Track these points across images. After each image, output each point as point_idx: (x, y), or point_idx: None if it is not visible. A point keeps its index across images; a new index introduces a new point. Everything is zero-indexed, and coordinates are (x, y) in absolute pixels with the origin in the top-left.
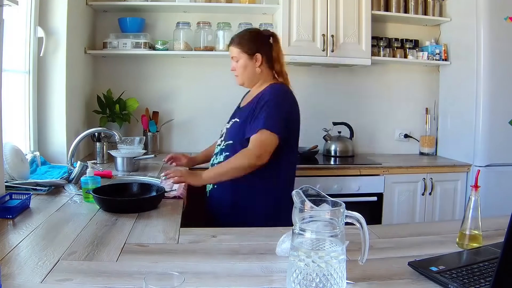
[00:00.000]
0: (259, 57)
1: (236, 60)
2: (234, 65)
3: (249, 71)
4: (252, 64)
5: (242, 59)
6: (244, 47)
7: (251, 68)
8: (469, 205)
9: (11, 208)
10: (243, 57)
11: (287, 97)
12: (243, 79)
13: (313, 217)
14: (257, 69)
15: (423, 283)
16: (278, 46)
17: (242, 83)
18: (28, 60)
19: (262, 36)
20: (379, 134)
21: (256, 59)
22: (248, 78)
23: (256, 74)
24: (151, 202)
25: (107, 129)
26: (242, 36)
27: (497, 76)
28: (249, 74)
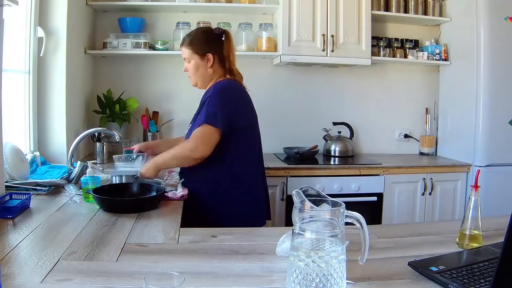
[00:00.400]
0: (211, 57)
1: (188, 61)
2: (186, 66)
3: (201, 72)
4: (204, 64)
5: (193, 59)
6: (195, 48)
7: (203, 68)
8: (469, 205)
9: (11, 208)
10: (195, 57)
11: (231, 91)
12: (196, 79)
13: (313, 217)
14: (208, 69)
15: (423, 283)
16: (229, 44)
17: (195, 84)
18: (28, 60)
19: (213, 35)
20: (379, 134)
21: (207, 59)
22: (201, 78)
23: (208, 74)
24: (151, 202)
25: (107, 129)
26: (193, 36)
27: (497, 76)
28: (201, 74)
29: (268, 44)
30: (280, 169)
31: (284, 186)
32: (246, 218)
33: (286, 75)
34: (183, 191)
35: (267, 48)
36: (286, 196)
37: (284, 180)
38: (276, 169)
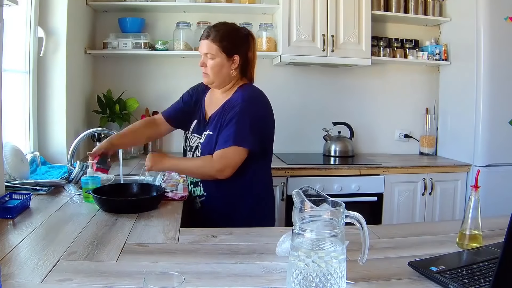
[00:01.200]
0: (237, 59)
1: (211, 57)
2: (205, 61)
3: (224, 73)
4: (229, 65)
5: (219, 58)
6: (224, 46)
7: (227, 69)
8: (469, 205)
9: (11, 208)
10: (221, 56)
11: (260, 103)
12: (214, 79)
13: (313, 217)
14: (232, 71)
15: (423, 283)
16: (255, 47)
17: (211, 82)
18: (28, 60)
19: (241, 35)
20: (379, 134)
21: (233, 61)
22: (221, 79)
23: (230, 76)
24: (151, 202)
25: (107, 129)
26: (222, 32)
27: (497, 76)
28: (223, 75)
29: (268, 44)
30: (280, 169)
31: (284, 186)
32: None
33: (286, 75)
34: (183, 192)
35: (267, 48)
36: (286, 196)
37: (284, 180)
38: (276, 169)
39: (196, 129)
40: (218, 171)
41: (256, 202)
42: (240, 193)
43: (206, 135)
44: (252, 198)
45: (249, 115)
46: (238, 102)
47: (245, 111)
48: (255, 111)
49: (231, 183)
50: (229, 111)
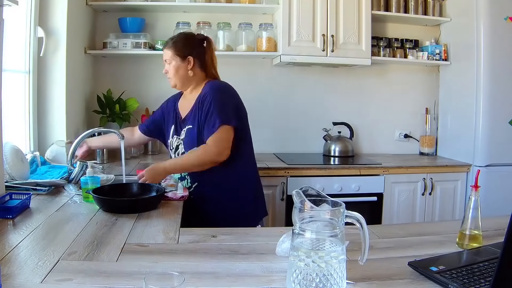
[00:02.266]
0: (191, 60)
1: (168, 62)
2: (166, 68)
3: (181, 74)
4: (184, 66)
5: (174, 61)
6: (176, 50)
7: (183, 70)
8: (469, 205)
9: (11, 208)
10: (175, 59)
11: (229, 89)
12: (175, 81)
13: (313, 217)
14: (189, 71)
15: (423, 283)
16: (211, 50)
17: (174, 85)
18: (28, 60)
19: (195, 39)
20: (379, 134)
21: (188, 61)
22: (181, 80)
23: (189, 76)
24: (151, 202)
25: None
26: (175, 39)
27: (497, 76)
28: (181, 76)
29: (268, 44)
30: (280, 169)
31: (284, 186)
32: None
33: (286, 75)
34: (183, 192)
35: (267, 48)
36: (286, 196)
37: (284, 180)
38: (276, 169)
39: (175, 132)
40: (218, 155)
41: (240, 183)
42: (226, 174)
43: (186, 130)
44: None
45: (222, 98)
46: (207, 92)
47: (218, 96)
48: (227, 95)
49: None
50: (203, 103)
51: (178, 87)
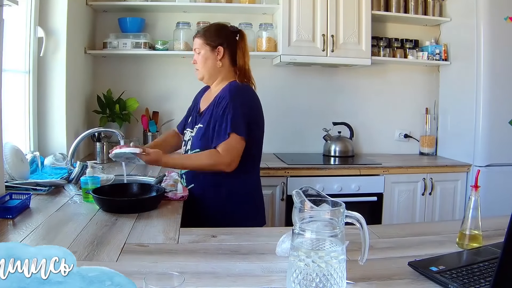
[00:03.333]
0: (221, 50)
1: (198, 51)
2: (195, 58)
3: (210, 64)
4: (214, 57)
5: (203, 50)
6: (207, 39)
7: (212, 61)
8: (469, 205)
9: (11, 208)
10: (205, 48)
11: (248, 95)
12: (203, 72)
13: (313, 217)
14: (218, 62)
15: (423, 283)
16: (244, 43)
17: (202, 77)
18: (28, 60)
19: (227, 30)
20: (379, 134)
21: (218, 51)
22: (208, 71)
23: (217, 68)
24: (151, 202)
25: (108, 129)
26: (207, 28)
27: (497, 76)
28: (210, 67)
29: (268, 44)
30: (280, 169)
31: (284, 186)
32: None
33: (286, 75)
34: (183, 192)
35: (267, 48)
36: (286, 196)
37: (284, 180)
38: (276, 169)
39: (190, 124)
40: (227, 166)
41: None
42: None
43: (197, 128)
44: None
45: (238, 106)
46: (226, 95)
47: (234, 102)
48: (244, 102)
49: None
50: (219, 104)
51: (205, 79)
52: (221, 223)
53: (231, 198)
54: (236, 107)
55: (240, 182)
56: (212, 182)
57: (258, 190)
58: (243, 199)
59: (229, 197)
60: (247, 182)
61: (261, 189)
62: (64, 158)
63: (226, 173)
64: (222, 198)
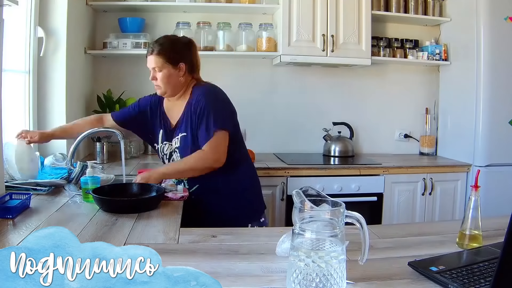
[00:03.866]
0: (183, 66)
1: (159, 70)
2: (154, 75)
3: (173, 81)
4: (176, 73)
5: (165, 69)
6: (166, 57)
7: (175, 78)
8: (469, 205)
9: (11, 208)
10: (166, 67)
11: (220, 92)
12: (166, 89)
13: (313, 217)
14: (181, 78)
15: (423, 283)
16: (196, 51)
17: (164, 92)
18: (28, 60)
19: (182, 43)
20: (379, 134)
21: (180, 68)
22: (172, 88)
23: (180, 83)
24: (151, 202)
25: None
26: (162, 45)
27: (497, 76)
28: (173, 84)
29: (268, 44)
30: (280, 169)
31: (284, 186)
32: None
33: (286, 75)
34: (183, 192)
35: (267, 48)
36: (286, 196)
37: (284, 180)
38: (276, 169)
39: (165, 138)
40: (215, 161)
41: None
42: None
43: (180, 138)
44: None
45: (216, 103)
46: (200, 98)
47: (211, 101)
48: (219, 99)
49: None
50: (196, 109)
51: (168, 94)
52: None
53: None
54: (214, 106)
55: (237, 174)
56: (210, 180)
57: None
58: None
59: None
60: (244, 172)
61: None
62: (64, 158)
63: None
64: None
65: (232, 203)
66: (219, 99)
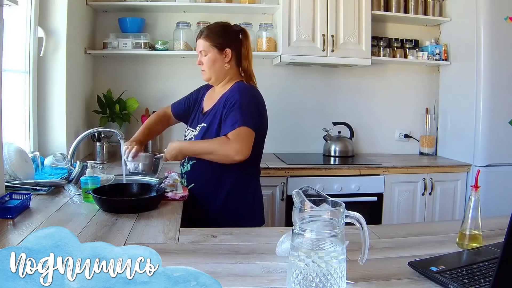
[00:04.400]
0: (229, 52)
1: (204, 54)
2: (201, 59)
3: (218, 67)
4: (221, 59)
5: (211, 53)
6: (214, 41)
7: (220, 63)
8: (469, 205)
9: (11, 208)
10: (213, 51)
11: (256, 95)
12: (210, 74)
13: (313, 217)
14: (225, 64)
15: (423, 283)
16: (248, 43)
17: (208, 78)
18: (28, 60)
19: (232, 30)
20: (379, 134)
21: (225, 54)
22: (216, 73)
23: (224, 70)
24: (151, 202)
25: (108, 129)
26: (211, 29)
27: (497, 76)
28: (217, 69)
29: (268, 44)
30: (280, 169)
31: (284, 186)
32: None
33: (286, 75)
34: (183, 192)
35: (267, 48)
36: (286, 196)
37: (284, 180)
38: (276, 169)
39: (191, 123)
40: (237, 152)
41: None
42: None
43: (200, 127)
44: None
45: (249, 102)
46: (235, 93)
47: (244, 99)
48: (254, 100)
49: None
50: (228, 103)
51: (212, 80)
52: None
53: (232, 197)
54: (246, 105)
55: (242, 181)
56: (213, 181)
57: (258, 190)
58: (243, 199)
59: (230, 196)
60: (249, 182)
61: (260, 190)
62: (64, 158)
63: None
64: (222, 197)
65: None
66: (251, 99)
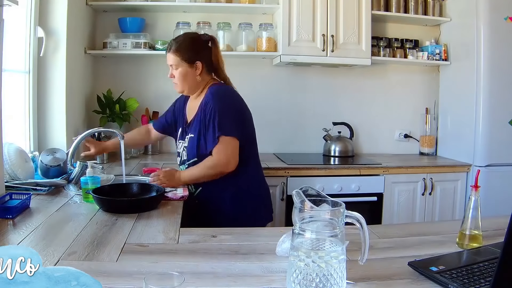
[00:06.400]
0: (200, 65)
1: (175, 68)
2: (172, 73)
3: (190, 80)
4: (193, 72)
5: (181, 67)
6: (183, 55)
7: (191, 76)
8: (469, 205)
9: (11, 208)
10: (183, 65)
11: (230, 96)
12: (183, 87)
13: (313, 217)
14: (197, 77)
15: (423, 283)
16: (217, 50)
17: (182, 91)
18: (28, 60)
19: (201, 41)
20: (379, 134)
21: (196, 67)
22: (188, 86)
23: (196, 81)
24: (151, 202)
25: (108, 129)
26: (180, 43)
27: (497, 76)
28: (190, 82)
29: (268, 44)
30: (280, 169)
31: (284, 186)
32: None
33: (286, 75)
34: (183, 192)
35: (267, 48)
36: (286, 196)
37: (284, 180)
38: (276, 169)
39: (181, 136)
40: (225, 166)
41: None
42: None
43: (188, 138)
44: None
45: (223, 107)
46: (209, 101)
47: (219, 105)
48: (228, 103)
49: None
50: (205, 112)
51: (186, 92)
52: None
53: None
54: (221, 110)
55: (245, 180)
56: (218, 185)
57: (263, 184)
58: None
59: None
60: (252, 179)
61: (266, 183)
62: None
63: (230, 173)
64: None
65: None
66: (226, 103)
